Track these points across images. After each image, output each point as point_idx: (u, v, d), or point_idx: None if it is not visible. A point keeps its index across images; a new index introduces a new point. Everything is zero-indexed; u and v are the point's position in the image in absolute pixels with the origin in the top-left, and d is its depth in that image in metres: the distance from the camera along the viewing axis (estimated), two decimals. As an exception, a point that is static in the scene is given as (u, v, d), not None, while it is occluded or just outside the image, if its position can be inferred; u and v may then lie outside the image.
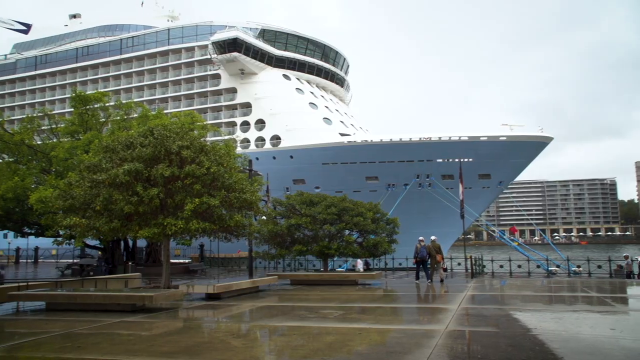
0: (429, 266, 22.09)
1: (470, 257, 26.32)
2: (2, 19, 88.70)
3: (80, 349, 8.45)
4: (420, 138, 48.50)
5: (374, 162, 49.03)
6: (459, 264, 28.44)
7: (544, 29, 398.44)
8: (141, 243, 34.85)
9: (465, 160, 43.72)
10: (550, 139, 50.36)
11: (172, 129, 17.40)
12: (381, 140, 49.38)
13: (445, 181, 48.17)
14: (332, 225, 23.08)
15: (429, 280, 21.57)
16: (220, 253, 40.07)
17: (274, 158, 51.42)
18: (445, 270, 24.59)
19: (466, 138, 48.27)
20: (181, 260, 39.25)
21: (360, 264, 30.15)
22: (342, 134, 52.83)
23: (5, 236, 53.41)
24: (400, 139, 48.96)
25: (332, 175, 48.72)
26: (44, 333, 10.53)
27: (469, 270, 25.64)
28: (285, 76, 57.78)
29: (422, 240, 22.24)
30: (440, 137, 48.38)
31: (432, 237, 22.70)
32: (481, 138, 48.38)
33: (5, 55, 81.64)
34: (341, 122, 56.93)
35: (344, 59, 65.97)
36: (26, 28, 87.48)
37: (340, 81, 65.33)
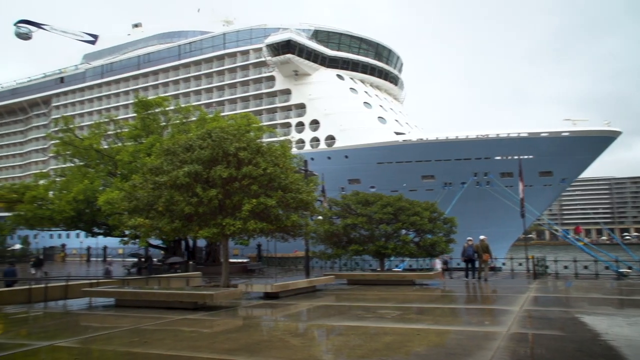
0: (477, 265, 22.33)
1: (532, 257, 25.39)
2: (72, 32, 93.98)
3: (147, 344, 8.80)
4: (477, 135, 47.31)
5: (430, 160, 48.25)
6: (520, 264, 27.49)
7: (609, 19, 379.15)
8: (201, 243, 35.82)
9: (525, 157, 42.26)
10: (618, 133, 47.82)
11: (229, 131, 17.79)
12: (437, 138, 48.51)
13: (504, 179, 46.71)
14: (388, 224, 22.91)
15: (477, 278, 21.68)
16: (277, 253, 40.59)
17: (329, 158, 51.58)
18: (492, 269, 24.03)
19: (526, 134, 46.65)
20: (239, 260, 40.03)
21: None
22: (397, 133, 52.32)
23: (77, 236, 56.29)
24: (457, 136, 47.93)
25: (387, 175, 48.33)
26: (114, 328, 11.05)
27: (531, 271, 24.74)
28: (339, 76, 57.86)
29: (470, 240, 22.56)
30: (498, 134, 46.99)
31: (481, 237, 22.75)
32: (542, 134, 46.60)
33: (76, 65, 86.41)
34: (396, 120, 56.37)
35: (397, 57, 65.32)
36: (93, 39, 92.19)
37: (393, 79, 64.73)
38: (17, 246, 56.91)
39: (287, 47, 55.55)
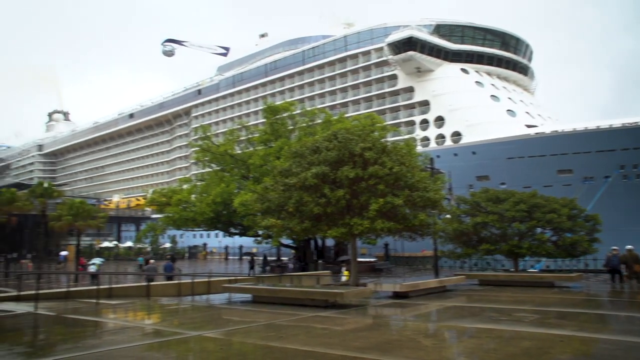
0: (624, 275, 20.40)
1: None
2: (207, 46, 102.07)
3: (282, 339, 9.25)
4: (623, 124, 42.80)
5: (567, 153, 44.62)
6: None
7: None
8: (329, 242, 36.66)
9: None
10: None
11: (354, 131, 18.03)
12: (574, 129, 44.75)
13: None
14: (521, 223, 21.64)
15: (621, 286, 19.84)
16: (405, 252, 40.32)
17: (456, 155, 49.99)
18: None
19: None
20: (367, 259, 40.35)
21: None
22: (528, 126, 49.21)
23: (216, 235, 60.69)
24: (598, 126, 43.79)
25: (519, 170, 45.59)
26: (252, 322, 11.77)
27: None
28: (464, 70, 55.86)
29: (615, 250, 20.69)
30: (649, 121, 42.13)
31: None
32: None
33: (211, 77, 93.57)
34: (526, 113, 53.05)
35: (526, 45, 61.37)
36: (225, 51, 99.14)
37: (522, 69, 60.96)
38: (167, 245, 62.96)
39: (408, 44, 54.88)
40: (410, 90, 59.56)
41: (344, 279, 23.78)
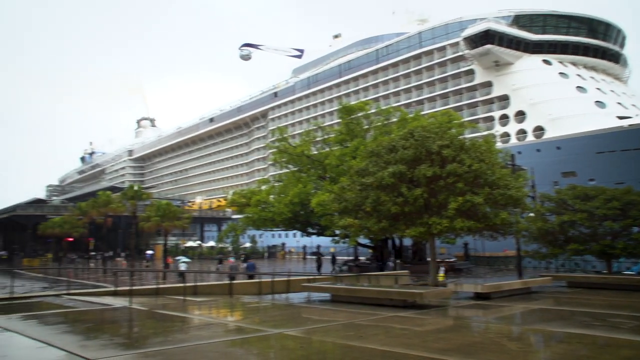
0: None
1: None
2: (282, 49, 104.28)
3: (362, 339, 9.26)
4: None
5: (666, 146, 41.26)
6: None
7: None
8: (407, 242, 36.20)
9: None
10: None
11: (431, 129, 17.72)
12: (675, 119, 41.31)
13: None
14: (614, 221, 20.30)
15: None
16: (486, 252, 39.04)
17: (538, 151, 47.66)
18: None
19: None
20: (446, 259, 39.50)
21: None
22: (620, 117, 45.97)
23: (294, 235, 61.76)
24: None
25: (610, 165, 42.67)
26: (331, 321, 11.88)
27: None
28: (546, 61, 53.15)
29: None
30: None
31: None
32: None
33: (287, 80, 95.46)
34: (618, 103, 49.60)
35: (617, 30, 57.29)
36: (300, 53, 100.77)
37: (613, 57, 57.00)
38: (247, 244, 64.89)
39: (485, 37, 53.05)
40: (488, 85, 57.54)
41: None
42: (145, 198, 61.52)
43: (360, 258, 41.00)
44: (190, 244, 73.07)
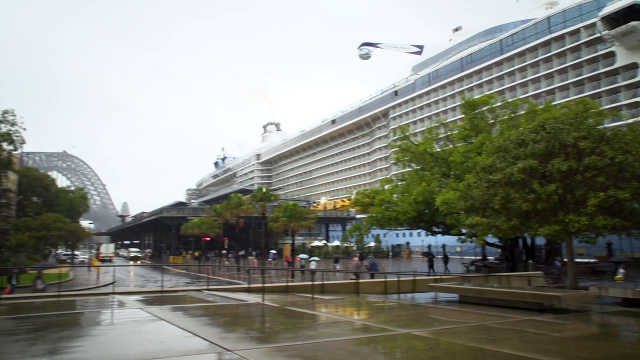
0: None
1: None
2: (402, 46, 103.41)
3: (494, 342, 8.86)
4: None
5: None
6: None
7: None
8: (539, 241, 34.07)
9: None
10: None
11: (564, 120, 16.49)
12: None
13: None
14: None
15: None
16: (635, 252, 35.50)
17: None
18: None
19: None
20: (585, 260, 36.41)
21: None
22: None
23: (418, 234, 60.97)
24: None
25: None
26: (460, 323, 11.52)
27: None
28: None
29: None
30: None
31: None
32: None
33: (406, 78, 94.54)
34: None
35: None
36: (419, 50, 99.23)
37: None
38: (372, 244, 65.30)
39: (629, 13, 47.96)
40: (633, 67, 51.96)
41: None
42: (273, 200, 64.62)
43: (489, 258, 39.32)
44: (316, 243, 75.27)
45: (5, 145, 32.71)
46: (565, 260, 23.91)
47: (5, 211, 48.50)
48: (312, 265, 31.13)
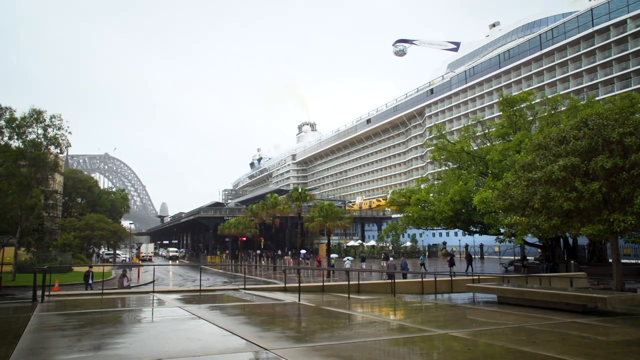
0: None
1: None
2: (437, 42, 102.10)
3: (535, 344, 8.64)
4: None
5: None
6: None
7: None
8: (581, 241, 33.09)
9: None
10: None
11: (608, 116, 15.92)
12: None
13: None
14: None
15: None
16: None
17: None
18: None
19: None
20: (633, 261, 35.14)
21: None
22: None
23: (455, 234, 60.12)
24: None
25: None
26: (499, 324, 11.29)
27: None
28: None
29: None
30: None
31: None
32: None
33: (442, 75, 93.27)
34: None
35: None
36: (455, 46, 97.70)
37: None
38: (408, 243, 64.75)
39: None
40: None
41: None
42: (309, 200, 64.78)
43: (529, 258, 38.43)
44: (351, 243, 75.18)
45: (52, 148, 33.91)
46: (610, 260, 23.15)
47: (53, 212, 50.36)
48: (347, 265, 31.10)
